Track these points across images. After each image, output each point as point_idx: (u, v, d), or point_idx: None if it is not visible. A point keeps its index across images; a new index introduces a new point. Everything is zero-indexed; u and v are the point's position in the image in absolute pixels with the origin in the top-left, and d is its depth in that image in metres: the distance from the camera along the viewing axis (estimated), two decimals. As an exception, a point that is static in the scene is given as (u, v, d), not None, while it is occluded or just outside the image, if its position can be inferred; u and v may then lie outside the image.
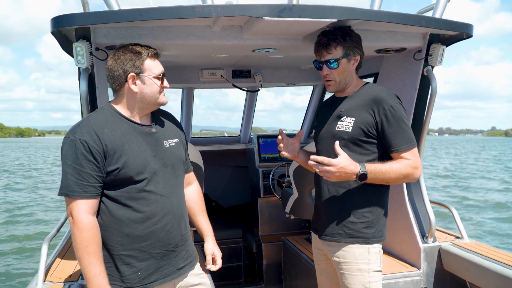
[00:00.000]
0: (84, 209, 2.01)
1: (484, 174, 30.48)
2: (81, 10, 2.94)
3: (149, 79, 2.15)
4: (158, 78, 2.18)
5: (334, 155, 2.42)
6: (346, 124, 2.44)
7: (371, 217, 2.47)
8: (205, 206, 2.67)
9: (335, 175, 2.22)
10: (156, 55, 2.21)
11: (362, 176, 2.25)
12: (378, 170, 2.29)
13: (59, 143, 2.16)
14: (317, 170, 2.26)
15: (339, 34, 2.40)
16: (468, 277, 3.15)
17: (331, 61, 2.42)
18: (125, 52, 2.14)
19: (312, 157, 2.27)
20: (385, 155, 2.43)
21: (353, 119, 2.42)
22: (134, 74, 2.12)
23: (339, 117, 2.49)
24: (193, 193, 2.60)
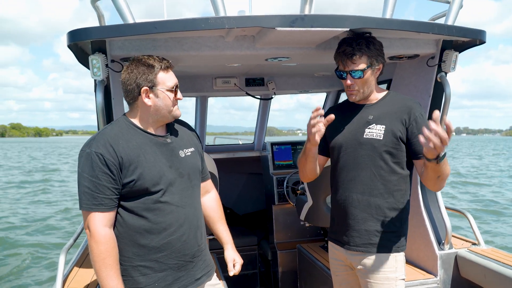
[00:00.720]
0: (101, 221, 2.03)
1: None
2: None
3: (162, 92, 2.16)
4: (171, 90, 2.18)
5: (362, 163, 2.42)
6: (376, 131, 2.41)
7: (400, 226, 2.47)
8: None
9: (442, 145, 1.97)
10: (169, 67, 2.21)
11: (443, 156, 2.07)
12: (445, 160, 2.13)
13: (77, 142, 2.17)
14: (432, 138, 1.93)
15: (363, 43, 2.35)
16: (486, 284, 3.11)
17: (356, 71, 2.38)
18: (138, 66, 2.14)
19: (433, 126, 1.94)
20: (408, 163, 2.44)
21: (384, 126, 2.40)
22: (147, 87, 2.13)
23: (367, 124, 2.45)
24: (211, 201, 2.61)
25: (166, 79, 2.17)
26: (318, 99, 5.66)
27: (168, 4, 3.32)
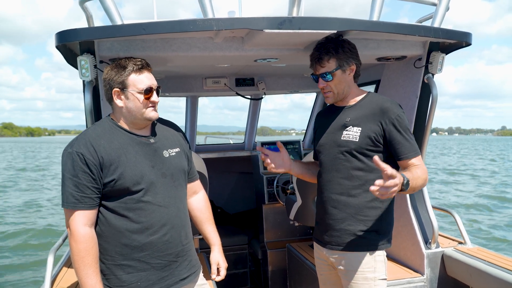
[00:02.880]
0: (81, 220, 2.05)
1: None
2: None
3: (132, 95, 2.17)
4: (141, 92, 2.17)
5: (339, 164, 2.46)
6: (352, 133, 2.45)
7: (379, 224, 2.49)
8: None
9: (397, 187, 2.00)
10: (142, 69, 2.19)
11: (407, 184, 2.08)
12: (411, 176, 2.16)
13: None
14: (381, 193, 1.97)
15: (331, 47, 2.43)
16: (471, 282, 3.16)
17: (325, 74, 2.45)
18: (113, 67, 2.19)
19: (377, 183, 1.98)
20: (388, 162, 2.46)
21: (360, 128, 2.44)
22: (118, 89, 2.16)
23: (344, 127, 2.50)
24: (198, 202, 2.60)
25: (138, 81, 2.17)
26: (311, 99, 5.71)
27: (164, 4, 3.33)
